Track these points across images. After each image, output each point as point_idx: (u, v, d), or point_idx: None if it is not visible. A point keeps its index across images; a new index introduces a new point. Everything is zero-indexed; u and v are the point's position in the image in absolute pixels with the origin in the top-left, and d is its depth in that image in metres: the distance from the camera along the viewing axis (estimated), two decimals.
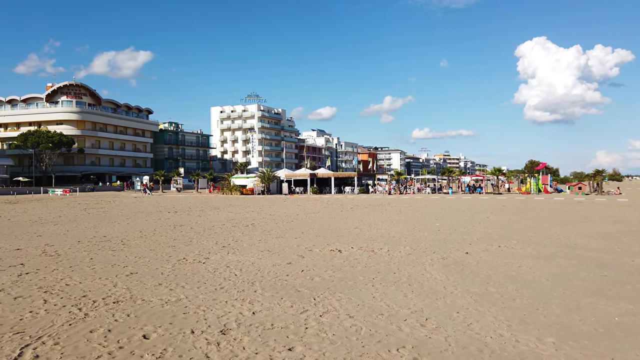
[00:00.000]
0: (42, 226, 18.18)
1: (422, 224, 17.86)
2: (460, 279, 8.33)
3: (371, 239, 13.67)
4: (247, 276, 8.69)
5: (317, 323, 5.86)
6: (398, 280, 8.30)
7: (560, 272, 8.90)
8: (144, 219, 21.52)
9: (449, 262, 10.02)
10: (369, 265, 9.68)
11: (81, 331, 5.57)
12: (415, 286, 7.82)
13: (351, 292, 7.41)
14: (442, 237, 14.15)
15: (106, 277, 8.62)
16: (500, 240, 13.29)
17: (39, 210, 28.16)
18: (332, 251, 11.52)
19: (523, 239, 13.69)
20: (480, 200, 36.06)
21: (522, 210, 25.63)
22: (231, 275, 8.75)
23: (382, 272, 8.94)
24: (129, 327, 5.72)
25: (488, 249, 11.74)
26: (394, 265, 9.67)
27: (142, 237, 14.65)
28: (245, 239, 14.10)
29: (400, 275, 8.71)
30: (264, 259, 10.58)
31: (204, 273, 8.99)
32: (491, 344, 5.12)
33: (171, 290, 7.58)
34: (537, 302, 6.81)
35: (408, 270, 9.16)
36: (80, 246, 12.73)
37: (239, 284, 8.02)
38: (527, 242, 13.03)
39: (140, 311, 6.40)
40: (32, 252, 11.80)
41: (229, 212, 25.04)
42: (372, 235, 14.57)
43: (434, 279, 8.40)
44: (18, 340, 5.26)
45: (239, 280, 8.37)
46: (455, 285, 7.86)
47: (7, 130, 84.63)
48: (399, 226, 17.30)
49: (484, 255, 10.90)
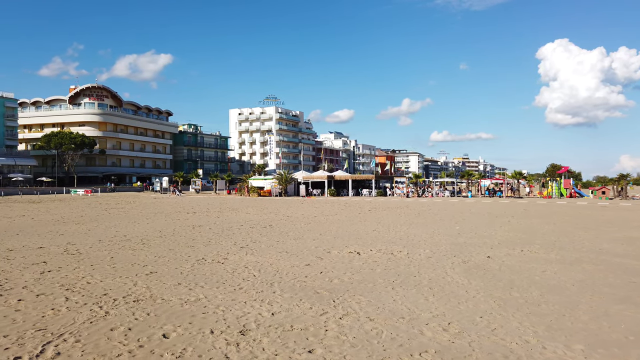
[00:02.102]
0: (64, 225, 18.47)
1: (442, 227, 17.63)
2: (482, 283, 8.16)
3: (390, 242, 13.53)
4: (266, 277, 8.65)
5: (337, 325, 5.77)
6: (419, 283, 8.16)
7: (586, 278, 8.65)
8: (163, 219, 21.71)
9: (470, 265, 9.84)
10: (389, 267, 9.55)
11: (102, 329, 5.59)
12: (437, 290, 7.68)
13: (371, 295, 7.30)
14: (462, 240, 13.93)
15: (126, 276, 8.67)
16: (522, 245, 13.01)
17: (62, 209, 28.67)
18: (351, 253, 11.42)
19: (546, 243, 13.39)
20: (501, 204, 35.52)
21: (544, 214, 25.13)
22: (250, 276, 8.72)
23: (402, 275, 8.80)
24: (149, 326, 5.71)
25: (510, 253, 11.50)
26: (414, 268, 9.53)
27: (162, 237, 14.76)
28: (264, 240, 14.08)
29: (421, 278, 8.57)
30: (282, 260, 10.54)
31: (223, 273, 8.98)
32: (517, 350, 4.97)
33: (190, 290, 7.58)
34: (563, 308, 6.61)
35: (429, 273, 9.01)
36: (101, 245, 12.87)
37: (257, 285, 7.99)
38: (551, 246, 12.73)
39: (160, 310, 6.41)
40: (55, 250, 11.97)
41: (246, 214, 25.12)
42: (390, 238, 14.43)
43: (455, 282, 8.24)
44: (40, 337, 5.29)
45: (258, 281, 8.33)
46: (477, 290, 7.69)
47: (32, 132, 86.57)
48: (418, 229, 17.11)
49: (507, 259, 10.68)
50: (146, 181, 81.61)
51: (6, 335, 5.38)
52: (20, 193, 54.94)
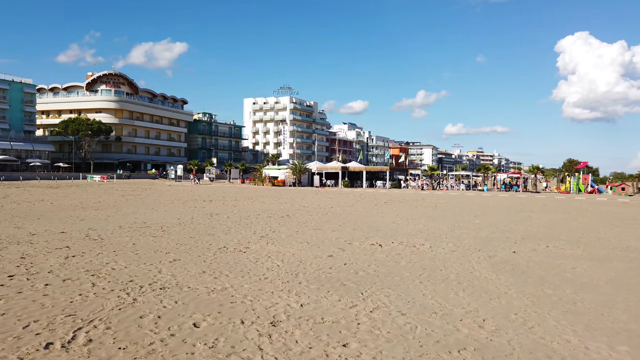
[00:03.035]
0: (84, 211, 18.59)
1: (461, 221, 17.38)
2: (512, 279, 7.96)
3: (410, 234, 13.35)
4: (290, 267, 8.55)
5: (369, 319, 5.64)
6: (446, 277, 7.99)
7: (618, 276, 8.40)
8: (180, 206, 21.76)
9: (497, 260, 9.63)
10: (413, 261, 9.39)
11: (131, 316, 5.53)
12: (466, 284, 7.50)
13: (399, 288, 7.16)
14: (484, 234, 13.68)
15: (150, 263, 8.63)
16: (547, 240, 12.73)
17: (79, 195, 28.93)
18: (373, 245, 11.27)
19: (571, 239, 13.10)
20: (519, 198, 35.00)
21: (565, 209, 24.70)
22: (273, 266, 8.63)
23: (427, 269, 8.64)
24: (178, 314, 5.64)
25: (536, 249, 11.25)
26: (439, 262, 9.35)
27: (181, 224, 14.75)
28: (283, 229, 14.00)
29: (448, 272, 8.40)
30: (303, 250, 10.43)
31: (246, 262, 8.90)
32: (559, 350, 4.79)
33: (215, 279, 7.50)
34: (600, 307, 6.40)
35: (455, 267, 8.83)
36: (122, 231, 12.90)
37: (282, 275, 7.89)
38: (576, 242, 12.44)
39: (187, 299, 6.33)
40: (76, 235, 12.01)
41: (262, 203, 25.09)
42: (410, 231, 14.24)
43: (484, 277, 8.05)
44: (70, 323, 5.25)
45: (282, 271, 8.23)
46: (508, 286, 7.50)
47: (49, 117, 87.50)
48: (437, 222, 16.89)
49: (533, 255, 10.44)
50: (159, 169, 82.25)
51: (36, 320, 5.35)
52: (38, 178, 55.68)
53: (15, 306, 5.84)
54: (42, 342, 4.67)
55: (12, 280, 7.17)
